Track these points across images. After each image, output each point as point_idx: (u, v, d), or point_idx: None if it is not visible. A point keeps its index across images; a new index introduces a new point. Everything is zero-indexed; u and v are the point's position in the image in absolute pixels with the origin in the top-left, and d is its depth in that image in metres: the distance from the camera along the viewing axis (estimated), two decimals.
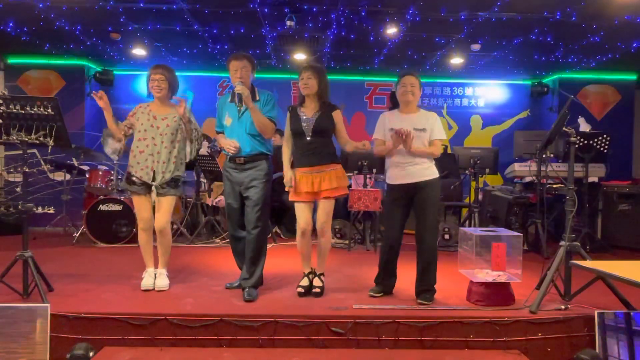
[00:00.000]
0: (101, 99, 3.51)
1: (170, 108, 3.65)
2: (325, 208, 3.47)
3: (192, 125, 3.61)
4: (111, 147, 3.65)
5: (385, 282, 3.55)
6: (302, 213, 3.49)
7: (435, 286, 3.47)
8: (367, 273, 3.98)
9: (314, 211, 3.58)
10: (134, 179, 3.59)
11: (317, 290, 3.49)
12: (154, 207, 3.65)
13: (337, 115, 3.50)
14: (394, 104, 3.59)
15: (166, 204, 3.61)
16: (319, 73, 3.47)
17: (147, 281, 3.58)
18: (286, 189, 3.56)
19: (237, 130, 3.53)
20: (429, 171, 3.40)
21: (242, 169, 3.52)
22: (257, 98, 3.56)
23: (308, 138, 3.46)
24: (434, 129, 3.42)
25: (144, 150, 3.58)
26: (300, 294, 3.49)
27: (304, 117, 3.48)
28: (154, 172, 3.57)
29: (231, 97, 3.61)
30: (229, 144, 3.49)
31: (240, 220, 3.60)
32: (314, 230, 3.54)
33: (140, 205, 3.63)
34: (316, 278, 3.56)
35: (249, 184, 3.49)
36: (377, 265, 3.58)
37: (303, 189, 3.45)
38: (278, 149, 4.20)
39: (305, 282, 3.57)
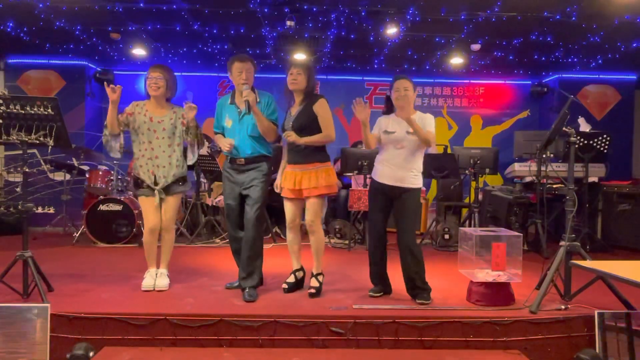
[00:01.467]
0: (115, 93, 3.49)
1: (167, 110, 3.63)
2: (311, 207, 3.47)
3: (199, 130, 3.63)
4: (114, 149, 3.66)
5: (379, 276, 3.56)
6: (287, 209, 3.59)
7: (436, 286, 3.47)
8: (367, 273, 3.97)
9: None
10: (139, 181, 3.60)
11: (312, 291, 3.47)
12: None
13: (319, 106, 3.44)
14: (388, 108, 3.57)
15: (172, 202, 3.63)
16: (308, 70, 3.49)
17: (148, 282, 3.58)
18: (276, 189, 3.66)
19: (238, 132, 3.54)
20: (415, 179, 3.39)
21: (242, 170, 3.54)
22: (258, 100, 3.56)
23: None
24: (425, 126, 3.35)
25: (144, 155, 3.59)
26: (284, 290, 3.56)
27: (290, 114, 3.55)
28: (154, 175, 3.57)
29: (231, 99, 3.61)
30: (224, 143, 3.51)
31: (239, 220, 3.60)
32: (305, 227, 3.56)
33: (148, 207, 3.59)
34: (313, 279, 3.55)
35: (250, 184, 3.51)
36: (368, 263, 3.60)
37: (287, 186, 3.51)
38: (278, 150, 4.21)
39: (291, 279, 3.63)
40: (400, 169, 3.37)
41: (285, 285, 3.60)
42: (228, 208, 3.64)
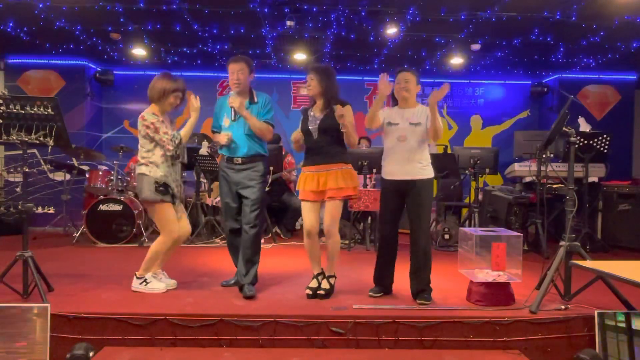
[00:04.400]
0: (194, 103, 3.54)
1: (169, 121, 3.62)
2: (330, 210, 3.42)
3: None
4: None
5: (383, 280, 3.54)
6: (307, 213, 3.46)
7: (436, 286, 3.47)
8: (367, 273, 3.97)
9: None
10: (166, 187, 3.47)
11: (322, 292, 3.43)
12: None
13: (346, 111, 3.38)
14: (395, 102, 3.59)
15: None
16: (321, 73, 3.46)
17: (159, 284, 3.51)
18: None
19: (234, 131, 3.57)
20: (424, 170, 3.38)
21: (239, 169, 3.55)
22: (255, 100, 3.60)
23: (315, 137, 3.45)
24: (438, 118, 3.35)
25: (170, 164, 3.53)
26: (308, 296, 3.42)
27: (313, 116, 3.50)
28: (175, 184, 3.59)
29: (229, 100, 3.63)
30: (222, 136, 3.54)
31: (237, 216, 3.63)
32: (322, 231, 3.51)
33: (174, 215, 3.53)
34: (324, 280, 3.51)
35: (247, 184, 3.53)
36: (375, 263, 3.59)
37: (309, 188, 3.43)
38: (277, 150, 4.20)
39: (314, 283, 3.51)
40: (407, 162, 3.36)
41: (309, 291, 3.45)
42: (226, 207, 3.65)
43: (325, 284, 3.49)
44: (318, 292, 3.44)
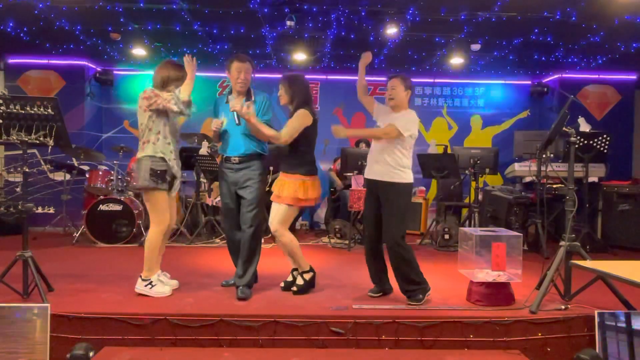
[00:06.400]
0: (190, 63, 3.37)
1: None
2: (274, 211, 3.50)
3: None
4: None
5: (376, 280, 3.55)
6: None
7: (436, 286, 3.47)
8: (367, 273, 3.98)
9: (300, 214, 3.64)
10: (166, 173, 3.38)
11: (294, 288, 3.56)
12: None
13: (294, 114, 3.42)
14: None
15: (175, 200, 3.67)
16: (286, 83, 3.49)
17: (164, 287, 3.45)
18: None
19: (232, 130, 3.55)
20: (395, 174, 3.33)
21: (236, 169, 3.54)
22: (253, 99, 3.55)
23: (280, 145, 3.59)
24: (398, 120, 3.33)
25: (173, 149, 3.51)
26: (281, 288, 3.65)
27: None
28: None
29: (227, 99, 3.61)
30: (214, 123, 3.49)
31: (236, 220, 3.60)
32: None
33: (166, 205, 3.44)
34: (298, 276, 3.61)
35: (244, 184, 3.51)
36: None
37: (274, 192, 3.56)
38: (277, 150, 4.20)
39: (289, 278, 3.69)
40: (377, 162, 3.39)
41: (282, 284, 3.67)
42: (225, 208, 3.65)
43: (299, 280, 3.58)
44: (292, 288, 3.57)
